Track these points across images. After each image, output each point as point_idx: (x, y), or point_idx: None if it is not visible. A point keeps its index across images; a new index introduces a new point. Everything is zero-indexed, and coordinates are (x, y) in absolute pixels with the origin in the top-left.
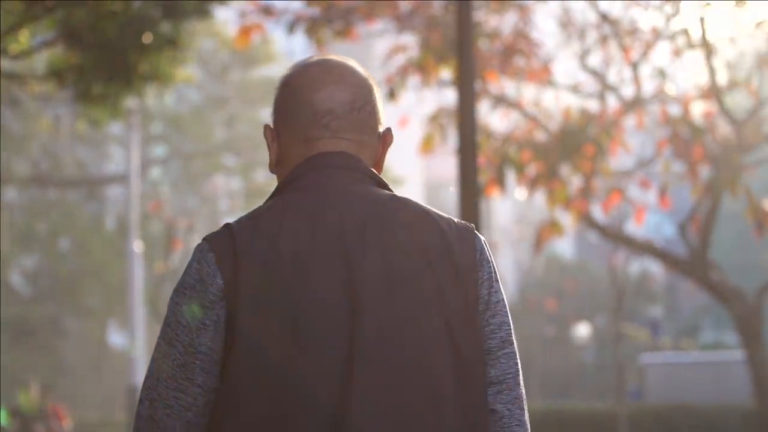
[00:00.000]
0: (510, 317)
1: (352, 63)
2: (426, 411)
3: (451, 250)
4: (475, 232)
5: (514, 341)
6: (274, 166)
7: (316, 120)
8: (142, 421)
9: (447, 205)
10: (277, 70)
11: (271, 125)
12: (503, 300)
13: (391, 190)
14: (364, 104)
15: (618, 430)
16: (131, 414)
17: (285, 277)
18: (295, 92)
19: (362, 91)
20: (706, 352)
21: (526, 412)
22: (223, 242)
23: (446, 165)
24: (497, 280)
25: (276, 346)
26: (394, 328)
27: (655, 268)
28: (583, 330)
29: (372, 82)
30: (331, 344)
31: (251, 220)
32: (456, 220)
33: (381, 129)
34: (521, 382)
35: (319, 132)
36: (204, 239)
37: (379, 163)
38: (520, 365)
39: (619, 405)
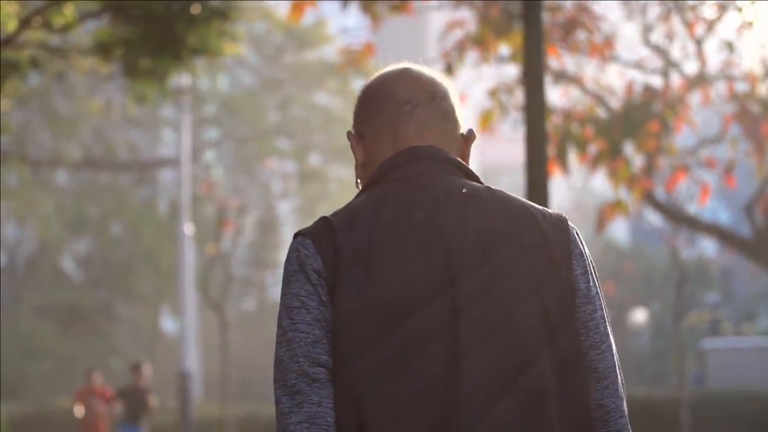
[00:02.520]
0: (605, 310)
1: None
2: (529, 406)
3: (546, 241)
4: (569, 223)
5: (611, 333)
6: (361, 169)
7: (399, 109)
8: (284, 417)
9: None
10: (330, 52)
11: (353, 131)
12: (600, 293)
13: (482, 182)
14: (444, 96)
15: (680, 416)
16: (182, 399)
17: (383, 267)
18: (377, 89)
19: (441, 86)
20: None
21: (625, 402)
22: (320, 231)
23: (502, 150)
24: (593, 274)
25: (374, 334)
26: (494, 320)
27: (710, 253)
28: (639, 315)
29: (450, 85)
30: (432, 337)
31: (348, 210)
32: (550, 211)
33: (462, 130)
34: (620, 373)
35: (403, 121)
36: (298, 232)
37: (464, 160)
38: (617, 357)
39: (680, 391)
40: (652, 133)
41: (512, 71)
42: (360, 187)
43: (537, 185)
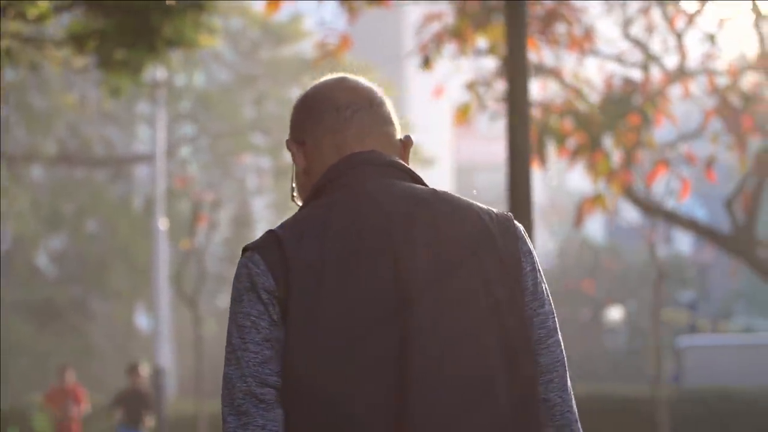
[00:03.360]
0: (552, 305)
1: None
2: (478, 403)
3: (494, 242)
4: (515, 221)
5: (558, 329)
6: (303, 177)
7: (340, 114)
8: None
9: (478, 189)
10: (306, 48)
11: (292, 139)
12: (547, 289)
13: (427, 185)
14: (381, 102)
15: (657, 414)
16: (156, 395)
17: (334, 278)
18: (316, 96)
19: (377, 93)
20: (746, 334)
21: (573, 398)
22: (269, 247)
23: (478, 148)
24: (539, 270)
25: (327, 346)
26: (444, 322)
27: (686, 251)
28: (615, 313)
29: (384, 94)
30: (383, 343)
31: (295, 222)
32: (495, 210)
33: (400, 136)
34: (567, 369)
35: (344, 126)
36: (247, 247)
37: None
38: (564, 351)
39: (657, 389)
40: (631, 126)
41: (490, 64)
42: (297, 198)
43: (519, 181)
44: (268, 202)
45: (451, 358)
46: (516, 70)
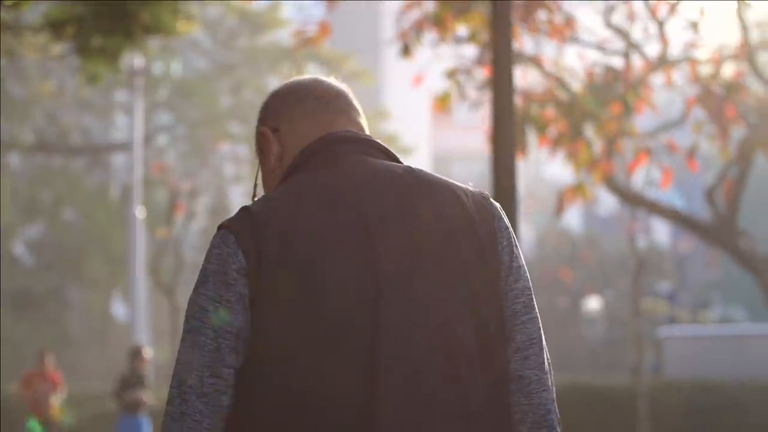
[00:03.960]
0: (530, 283)
1: None
2: (450, 387)
3: (471, 219)
4: (491, 199)
5: (536, 306)
6: (275, 164)
7: (317, 101)
8: (173, 421)
9: (455, 179)
10: (284, 36)
11: (263, 128)
12: (524, 266)
13: (401, 163)
14: (353, 99)
15: (637, 405)
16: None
17: (306, 257)
18: (291, 87)
19: (347, 90)
20: (726, 325)
21: (551, 376)
22: (242, 224)
23: (454, 138)
24: (517, 246)
25: (297, 327)
26: (419, 304)
27: (664, 243)
28: (593, 304)
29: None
30: (355, 323)
31: (269, 201)
32: (471, 188)
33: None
34: (545, 347)
35: (321, 110)
36: (221, 225)
37: None
38: (542, 330)
39: (637, 380)
40: (613, 115)
41: (471, 52)
42: (257, 193)
43: (503, 171)
44: (246, 191)
45: (417, 362)
46: (501, 60)
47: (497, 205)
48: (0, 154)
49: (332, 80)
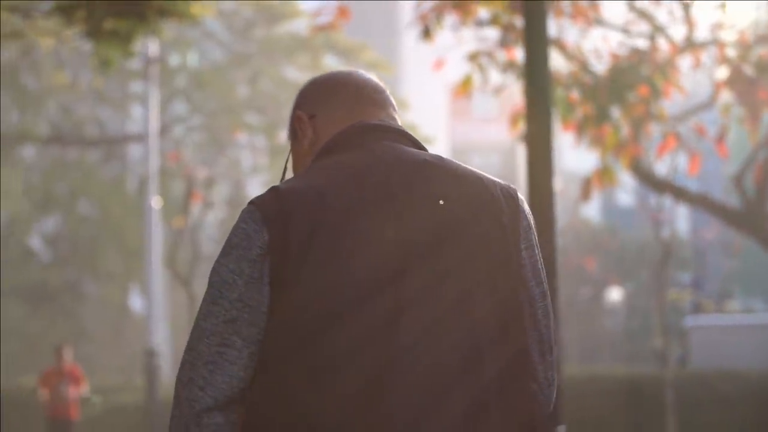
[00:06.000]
0: (547, 287)
1: None
2: (466, 366)
3: (497, 206)
4: (519, 194)
5: (551, 311)
6: (307, 149)
7: (355, 92)
8: (182, 386)
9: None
10: (301, 26)
11: (299, 112)
12: (543, 268)
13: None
14: (389, 95)
15: (664, 395)
16: (149, 377)
17: (334, 231)
18: (330, 77)
19: (384, 86)
20: (748, 315)
21: (555, 371)
22: (270, 201)
23: (473, 129)
24: (538, 245)
25: (324, 299)
26: (442, 278)
27: (684, 233)
28: (615, 294)
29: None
30: (374, 311)
31: (298, 179)
32: (500, 181)
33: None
34: (554, 341)
35: (358, 101)
36: (250, 202)
37: None
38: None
39: (663, 370)
40: (640, 97)
41: (493, 34)
42: (285, 176)
43: (540, 159)
44: (263, 181)
45: (437, 335)
46: (535, 46)
47: (524, 201)
48: (12, 147)
49: (372, 76)
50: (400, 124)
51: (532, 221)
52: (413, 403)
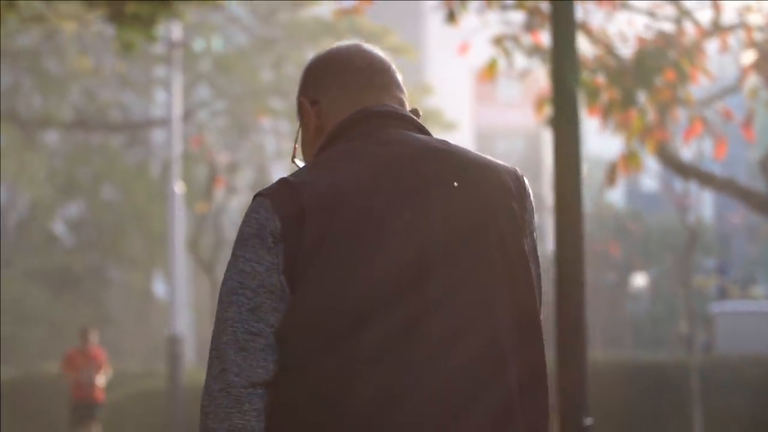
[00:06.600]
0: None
1: None
2: (487, 387)
3: (510, 195)
4: (524, 178)
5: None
6: (314, 136)
7: (358, 74)
8: (214, 380)
9: (499, 156)
10: (326, 11)
11: (302, 98)
12: (537, 249)
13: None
14: (395, 70)
15: (689, 381)
16: (172, 364)
17: (349, 223)
18: (333, 58)
19: (390, 63)
20: None
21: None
22: (280, 190)
23: (497, 114)
24: (536, 229)
25: (348, 300)
26: (458, 297)
27: (708, 219)
28: (639, 280)
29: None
30: (393, 316)
31: (308, 168)
32: (504, 163)
33: (408, 108)
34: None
35: (361, 85)
36: (257, 194)
37: None
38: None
39: (689, 356)
40: (667, 81)
41: (518, 18)
42: (298, 159)
43: (566, 144)
44: (287, 167)
45: (461, 341)
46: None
47: (527, 182)
48: (35, 131)
49: (374, 50)
50: (405, 103)
51: (533, 203)
52: (442, 409)
